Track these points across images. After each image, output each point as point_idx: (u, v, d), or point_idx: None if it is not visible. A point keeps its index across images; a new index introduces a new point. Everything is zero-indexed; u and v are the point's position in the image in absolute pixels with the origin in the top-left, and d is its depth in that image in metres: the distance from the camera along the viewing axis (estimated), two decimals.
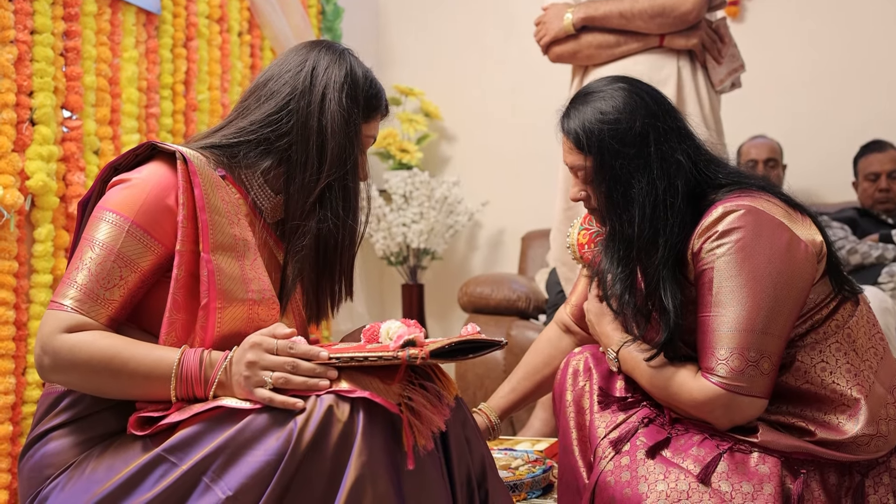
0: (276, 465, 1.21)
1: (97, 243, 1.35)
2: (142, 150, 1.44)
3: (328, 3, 3.89)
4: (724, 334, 1.47)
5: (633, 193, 1.56)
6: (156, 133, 2.82)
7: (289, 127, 1.47)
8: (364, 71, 1.54)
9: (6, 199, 2.16)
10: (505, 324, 3.47)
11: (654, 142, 1.57)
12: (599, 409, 1.63)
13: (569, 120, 1.64)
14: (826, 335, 1.52)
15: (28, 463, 1.37)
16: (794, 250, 1.49)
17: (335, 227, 1.47)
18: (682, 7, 2.46)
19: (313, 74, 1.49)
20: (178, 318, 1.35)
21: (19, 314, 2.24)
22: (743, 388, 1.46)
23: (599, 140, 1.58)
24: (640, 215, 1.55)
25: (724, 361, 1.46)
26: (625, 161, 1.56)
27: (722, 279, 1.49)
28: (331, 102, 1.47)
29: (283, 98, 1.48)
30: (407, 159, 4.24)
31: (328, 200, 1.46)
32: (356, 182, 1.51)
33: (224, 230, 1.39)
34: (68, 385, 1.37)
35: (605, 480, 1.53)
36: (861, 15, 3.88)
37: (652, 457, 1.51)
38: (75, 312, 1.32)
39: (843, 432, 1.46)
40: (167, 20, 2.90)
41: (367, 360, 1.27)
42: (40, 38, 2.32)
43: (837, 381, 1.49)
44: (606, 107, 1.60)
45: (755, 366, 1.46)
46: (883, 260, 3.13)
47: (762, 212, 1.50)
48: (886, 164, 3.54)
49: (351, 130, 1.48)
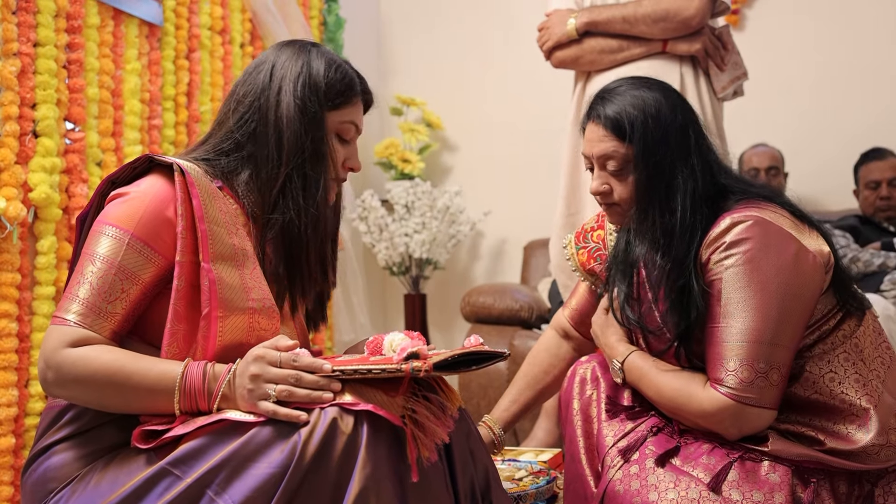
0: (280, 477, 1.21)
1: (98, 257, 1.35)
2: (139, 164, 1.45)
3: (330, 14, 3.90)
4: (733, 345, 1.47)
5: (676, 184, 1.56)
6: (158, 144, 2.82)
7: (254, 127, 1.48)
8: (328, 60, 1.52)
9: (9, 211, 2.17)
10: (508, 334, 3.46)
11: (692, 136, 1.58)
12: (607, 418, 1.63)
13: (607, 105, 1.61)
14: (834, 345, 1.52)
15: (31, 477, 1.37)
16: (802, 261, 1.49)
17: (297, 216, 1.46)
18: (685, 12, 2.46)
19: (272, 72, 1.50)
20: (180, 329, 1.35)
21: (22, 326, 2.24)
22: (752, 399, 1.46)
23: (644, 127, 1.57)
24: (683, 206, 1.55)
25: (734, 372, 1.46)
26: (667, 151, 1.56)
27: (730, 290, 1.49)
28: (286, 94, 1.47)
29: (248, 101, 1.50)
30: (409, 169, 4.24)
31: (289, 191, 1.46)
32: (318, 170, 1.49)
33: (223, 240, 1.39)
34: (72, 400, 1.37)
35: (613, 489, 1.52)
36: (861, 23, 3.88)
37: (661, 465, 1.51)
38: (78, 327, 1.32)
39: (854, 442, 1.47)
40: (169, 32, 2.90)
41: (371, 372, 1.27)
42: (43, 51, 2.32)
43: (846, 391, 1.50)
44: (648, 97, 1.59)
45: (764, 377, 1.46)
46: (885, 268, 3.13)
47: (770, 223, 1.50)
48: (887, 171, 3.54)
49: (308, 119, 1.47)
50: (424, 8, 4.63)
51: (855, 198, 3.67)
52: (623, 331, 1.70)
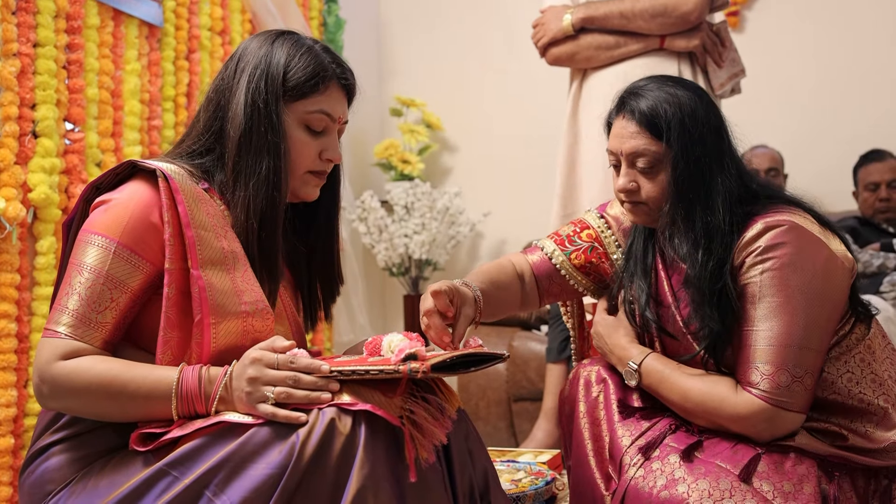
0: (278, 478, 1.21)
1: (85, 267, 1.34)
2: (122, 169, 1.43)
3: (330, 15, 3.91)
4: (766, 349, 1.48)
5: (714, 185, 1.55)
6: (157, 145, 2.82)
7: (220, 125, 1.46)
8: (292, 48, 1.47)
9: (8, 212, 2.17)
10: (507, 335, 3.47)
11: (725, 138, 1.59)
12: (621, 419, 1.62)
13: (641, 100, 1.58)
14: (849, 347, 1.54)
15: (29, 478, 1.37)
16: (832, 266, 1.51)
17: (243, 210, 1.42)
18: (683, 7, 2.44)
19: (236, 67, 1.48)
20: (173, 336, 1.35)
21: (21, 326, 2.24)
22: (786, 403, 1.47)
23: (681, 125, 1.55)
24: (723, 208, 1.54)
25: (769, 376, 1.47)
26: (705, 150, 1.55)
27: (765, 294, 1.49)
28: (240, 89, 1.44)
29: (215, 100, 1.48)
30: (408, 170, 4.25)
31: (241, 184, 1.42)
32: (273, 164, 1.42)
33: (212, 245, 1.38)
34: (69, 411, 1.37)
35: (636, 487, 1.50)
36: (861, 24, 3.88)
37: (688, 459, 1.50)
38: (70, 339, 1.32)
39: (875, 440, 1.49)
40: (169, 33, 2.91)
41: (369, 373, 1.27)
42: (43, 51, 2.32)
43: (864, 391, 1.52)
44: (682, 95, 1.57)
45: (799, 381, 1.47)
46: (884, 269, 3.13)
47: (803, 228, 1.52)
48: (886, 173, 3.54)
49: (259, 113, 1.42)
50: (424, 9, 4.63)
51: (854, 199, 3.68)
52: (634, 333, 1.68)
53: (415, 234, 4.08)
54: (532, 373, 3.39)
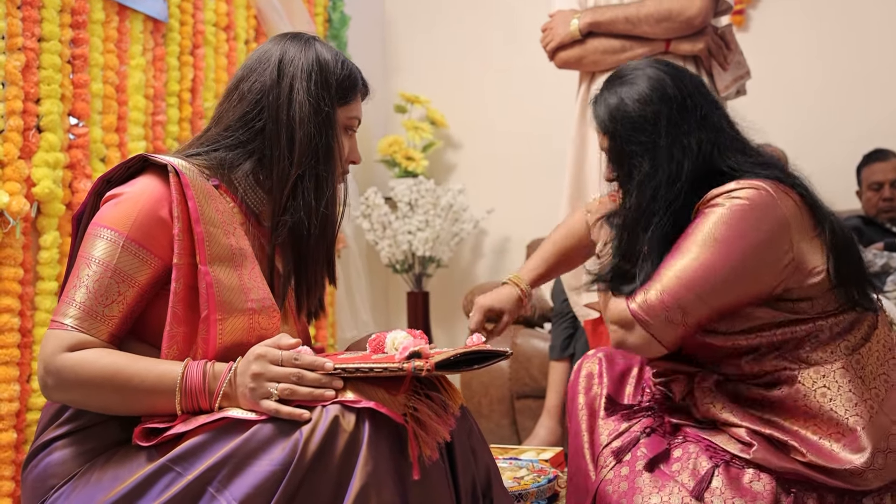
0: (281, 474, 1.21)
1: (94, 260, 1.35)
2: (133, 163, 1.44)
3: (334, 12, 3.90)
4: (668, 277, 1.51)
5: (635, 174, 1.62)
6: (162, 140, 2.82)
7: (262, 125, 1.47)
8: (334, 55, 1.52)
9: (12, 206, 2.17)
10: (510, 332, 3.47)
11: (664, 128, 1.61)
12: (605, 416, 1.66)
13: (595, 106, 1.72)
14: (834, 356, 1.49)
15: (32, 473, 1.37)
16: (773, 249, 1.50)
17: (307, 216, 1.45)
18: (688, 11, 2.47)
19: (280, 67, 1.48)
20: (179, 332, 1.35)
21: (24, 321, 2.24)
22: (650, 327, 1.51)
23: (614, 126, 1.65)
24: (639, 195, 1.60)
25: (649, 296, 1.51)
26: (634, 146, 1.62)
27: (698, 228, 1.52)
28: (298, 93, 1.46)
29: (254, 97, 1.48)
30: (412, 167, 4.24)
31: (300, 191, 1.46)
32: (329, 169, 1.48)
33: (220, 241, 1.38)
34: (73, 404, 1.37)
35: (604, 489, 1.55)
36: (866, 24, 3.88)
37: (650, 470, 1.53)
38: (76, 331, 1.32)
39: (838, 461, 1.43)
40: (174, 28, 2.91)
41: (373, 371, 1.27)
42: (48, 46, 2.32)
43: (836, 408, 1.46)
44: (627, 94, 1.66)
45: (675, 325, 1.50)
46: (888, 269, 3.12)
47: (774, 199, 1.51)
48: (889, 173, 3.54)
49: (321, 118, 1.47)
50: (429, 6, 4.63)
51: (858, 199, 3.67)
52: None
53: (418, 231, 4.08)
54: (535, 370, 3.39)
